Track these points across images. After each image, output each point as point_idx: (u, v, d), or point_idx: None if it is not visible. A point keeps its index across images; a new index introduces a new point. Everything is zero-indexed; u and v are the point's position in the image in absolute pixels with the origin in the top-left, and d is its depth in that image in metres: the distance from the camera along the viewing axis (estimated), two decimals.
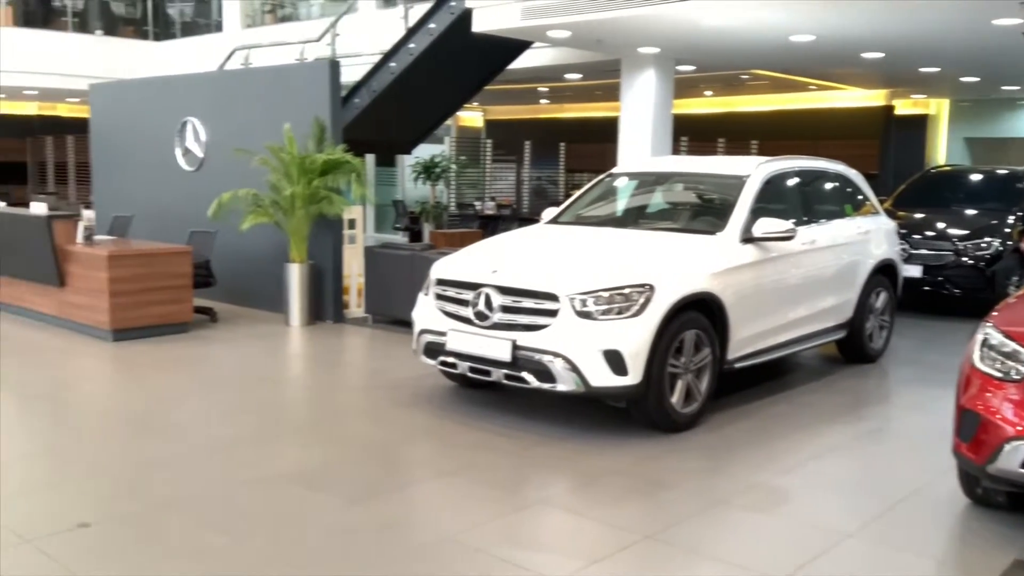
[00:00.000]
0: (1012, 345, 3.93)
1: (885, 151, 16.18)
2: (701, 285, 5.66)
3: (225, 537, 4.02)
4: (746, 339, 6.08)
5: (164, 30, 18.73)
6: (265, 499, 4.50)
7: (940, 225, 9.96)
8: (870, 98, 15.99)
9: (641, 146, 10.41)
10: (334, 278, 9.20)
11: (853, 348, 7.50)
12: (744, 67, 12.09)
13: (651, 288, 5.35)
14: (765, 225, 6.12)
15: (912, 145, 16.53)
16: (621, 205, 7.19)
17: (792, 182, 7.06)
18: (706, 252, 5.92)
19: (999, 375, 3.94)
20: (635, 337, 5.27)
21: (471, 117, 20.93)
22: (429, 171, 15.33)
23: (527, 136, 19.33)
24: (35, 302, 9.00)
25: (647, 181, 7.35)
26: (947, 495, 4.56)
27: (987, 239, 9.59)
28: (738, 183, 6.46)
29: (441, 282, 5.96)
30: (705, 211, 6.87)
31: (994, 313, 4.28)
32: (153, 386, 6.89)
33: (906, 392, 7.02)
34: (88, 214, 8.65)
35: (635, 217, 7.00)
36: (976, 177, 11.56)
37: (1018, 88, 14.92)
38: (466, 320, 5.66)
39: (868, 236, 7.52)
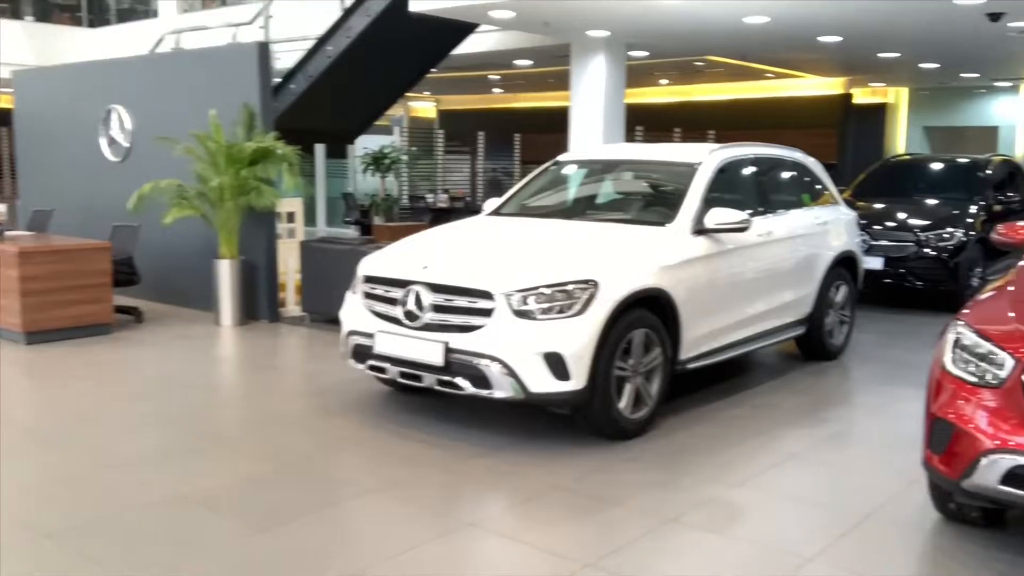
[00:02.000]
0: (987, 345, 3.54)
1: (843, 140, 15.94)
2: (650, 281, 5.23)
3: (106, 573, 3.50)
4: (700, 338, 5.67)
5: (99, 16, 17.92)
6: (161, 526, 3.99)
7: (901, 216, 9.66)
8: (828, 86, 15.74)
9: (592, 135, 9.99)
10: (268, 275, 8.66)
11: (812, 345, 7.14)
12: (698, 53, 11.70)
13: (595, 284, 4.91)
14: (718, 216, 5.71)
15: (871, 134, 16.32)
16: (567, 195, 6.75)
17: (747, 170, 6.66)
18: (655, 245, 5.50)
19: (974, 379, 3.55)
20: (578, 338, 4.82)
21: (424, 107, 20.38)
22: (378, 162, 14.77)
23: (481, 126, 18.83)
24: None
25: (595, 170, 6.91)
26: (916, 509, 4.18)
27: (949, 230, 9.29)
28: (690, 171, 6.04)
29: (369, 279, 5.47)
30: (655, 201, 6.45)
31: (965, 310, 3.89)
32: (64, 394, 6.32)
33: (868, 392, 6.66)
34: None
35: (581, 208, 6.56)
36: (937, 166, 11.29)
37: (977, 76, 14.75)
38: (395, 320, 5.19)
39: (827, 227, 7.16)
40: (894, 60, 12.18)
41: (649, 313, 5.24)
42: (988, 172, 10.44)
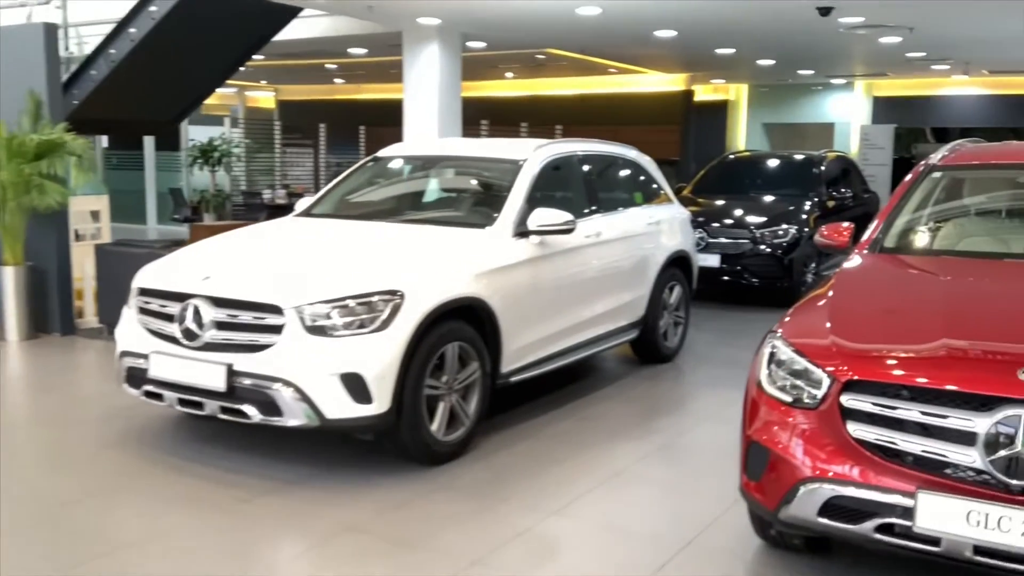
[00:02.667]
0: (803, 362, 3.24)
1: (686, 137, 16.04)
2: (464, 289, 4.78)
3: None
4: (523, 348, 5.27)
5: None
6: None
7: (738, 212, 9.62)
8: (671, 83, 15.79)
9: (427, 129, 9.50)
10: (59, 282, 7.74)
11: (647, 348, 6.90)
12: (537, 45, 11.37)
13: (400, 295, 4.41)
14: (541, 217, 5.33)
15: (713, 131, 16.52)
16: (383, 194, 6.24)
17: (575, 168, 6.32)
18: (473, 249, 5.06)
19: (789, 400, 3.25)
20: (380, 356, 4.32)
21: (263, 97, 19.34)
22: (206, 156, 13.80)
23: (324, 118, 18.01)
24: None
25: (416, 167, 6.43)
26: (738, 534, 3.89)
27: (784, 226, 9.30)
28: (513, 169, 5.64)
29: (144, 292, 4.81)
30: (476, 201, 6.01)
31: (786, 319, 3.61)
32: None
33: (700, 397, 6.44)
34: None
35: (397, 208, 6.06)
36: (773, 163, 11.38)
37: (812, 72, 15.08)
38: (172, 339, 4.54)
39: (659, 227, 6.91)
40: (731, 56, 12.22)
41: (464, 324, 4.80)
42: (822, 168, 10.57)
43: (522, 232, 5.30)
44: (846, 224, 4.64)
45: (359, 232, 5.41)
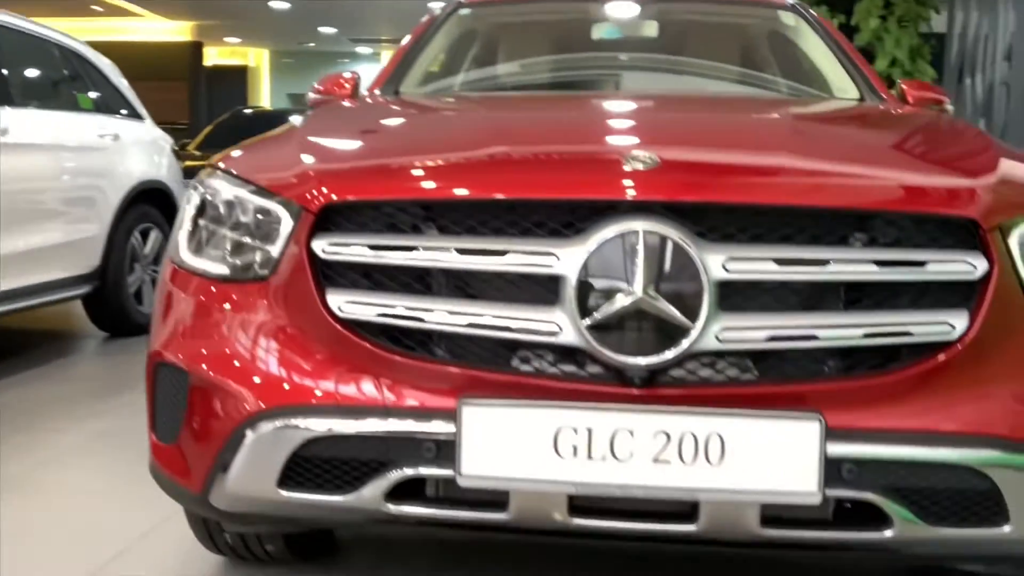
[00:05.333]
0: (257, 200, 1.68)
1: (197, 100, 13.99)
2: None
3: None
4: None
5: None
6: None
7: None
8: (174, 32, 13.61)
9: None
10: None
11: (110, 314, 4.96)
12: None
13: None
14: None
15: (233, 99, 14.72)
16: None
17: None
18: None
19: (226, 272, 1.66)
20: None
21: None
22: None
23: None
24: None
25: None
26: (184, 551, 2.23)
27: None
28: None
29: None
30: None
31: (230, 155, 2.00)
32: None
33: None
34: None
35: None
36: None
37: (336, 31, 13.92)
38: None
39: (120, 144, 5.02)
40: None
41: None
42: None
43: None
44: (349, 74, 3.20)
45: None
